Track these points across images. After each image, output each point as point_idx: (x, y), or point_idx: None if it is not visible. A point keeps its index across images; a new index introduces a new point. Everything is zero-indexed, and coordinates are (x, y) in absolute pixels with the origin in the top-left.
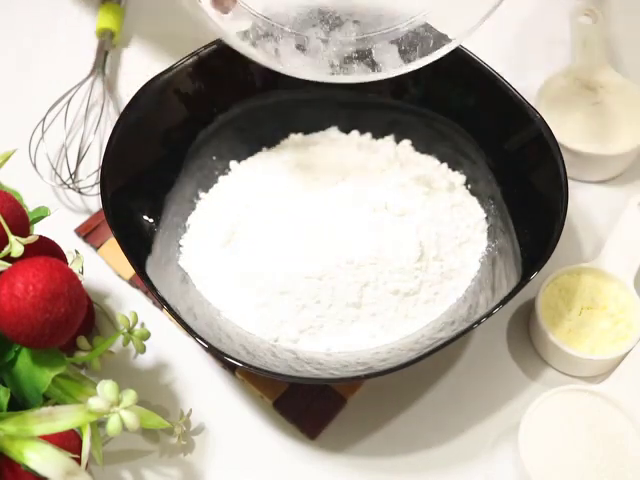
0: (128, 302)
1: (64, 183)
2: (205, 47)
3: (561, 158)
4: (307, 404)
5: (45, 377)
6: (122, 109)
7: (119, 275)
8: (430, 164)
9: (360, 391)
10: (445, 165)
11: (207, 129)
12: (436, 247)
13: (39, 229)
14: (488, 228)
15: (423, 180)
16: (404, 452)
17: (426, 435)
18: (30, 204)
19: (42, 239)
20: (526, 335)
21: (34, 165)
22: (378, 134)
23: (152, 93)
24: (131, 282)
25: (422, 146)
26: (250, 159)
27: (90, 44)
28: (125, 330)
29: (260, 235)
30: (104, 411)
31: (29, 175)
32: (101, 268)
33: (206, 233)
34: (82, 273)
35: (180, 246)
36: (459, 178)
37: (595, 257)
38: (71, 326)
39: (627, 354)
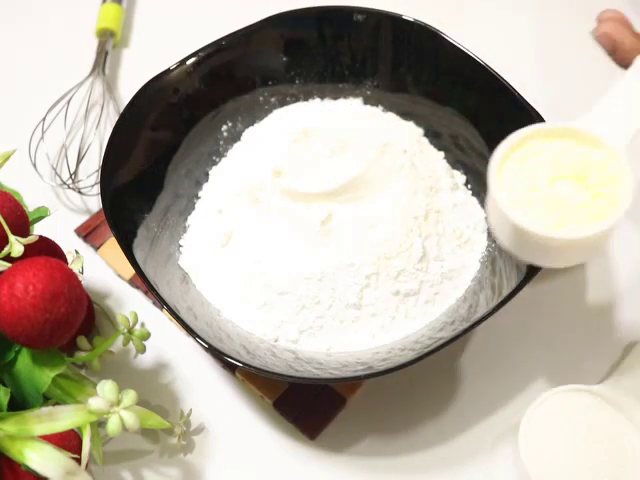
0: (128, 302)
1: (64, 183)
2: (205, 47)
3: None
4: (307, 404)
5: (45, 377)
6: (122, 109)
7: (119, 275)
8: (436, 161)
9: (360, 391)
10: (448, 165)
11: (207, 129)
12: (437, 247)
13: (39, 229)
14: (488, 228)
15: (427, 181)
16: (404, 452)
17: (426, 435)
18: (30, 204)
19: (42, 239)
20: (526, 335)
21: (34, 165)
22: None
23: (152, 93)
24: (131, 282)
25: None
26: (250, 157)
27: (90, 44)
28: (125, 330)
29: (260, 235)
30: (104, 411)
31: (29, 175)
32: (101, 268)
33: (206, 233)
34: (82, 273)
35: (180, 246)
36: (460, 178)
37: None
38: (71, 326)
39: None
